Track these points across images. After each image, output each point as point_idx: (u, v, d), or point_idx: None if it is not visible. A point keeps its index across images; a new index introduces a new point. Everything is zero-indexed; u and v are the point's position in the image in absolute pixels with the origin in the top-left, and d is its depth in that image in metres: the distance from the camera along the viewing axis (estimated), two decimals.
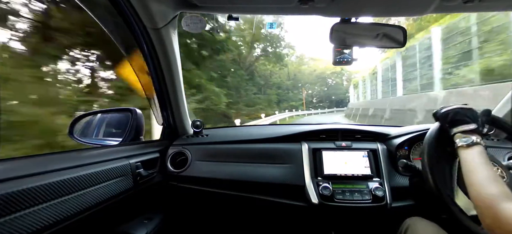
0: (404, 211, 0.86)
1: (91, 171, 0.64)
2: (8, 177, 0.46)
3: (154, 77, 1.02)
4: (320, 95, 48.43)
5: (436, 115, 0.72)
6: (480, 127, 0.63)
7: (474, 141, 0.60)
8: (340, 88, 47.85)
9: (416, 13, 0.85)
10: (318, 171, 1.00)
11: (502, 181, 0.52)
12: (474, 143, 0.59)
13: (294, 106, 29.69)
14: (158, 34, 0.89)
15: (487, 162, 0.56)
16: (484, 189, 0.51)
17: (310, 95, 47.51)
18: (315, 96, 48.78)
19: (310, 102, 44.18)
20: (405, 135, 1.04)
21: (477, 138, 0.60)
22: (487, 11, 1.06)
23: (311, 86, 48.13)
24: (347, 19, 0.84)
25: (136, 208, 0.98)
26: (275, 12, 0.88)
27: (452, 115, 0.66)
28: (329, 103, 43.47)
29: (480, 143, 0.59)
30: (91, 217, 0.68)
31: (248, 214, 1.24)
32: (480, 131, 0.63)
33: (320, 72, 47.42)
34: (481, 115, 0.67)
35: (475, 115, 0.65)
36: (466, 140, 0.60)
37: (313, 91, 48.69)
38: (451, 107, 0.68)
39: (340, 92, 46.48)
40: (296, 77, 43.07)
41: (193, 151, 1.10)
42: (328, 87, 49.13)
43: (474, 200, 0.53)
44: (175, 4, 0.84)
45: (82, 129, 1.15)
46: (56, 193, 0.54)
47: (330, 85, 49.47)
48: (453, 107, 0.68)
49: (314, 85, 48.53)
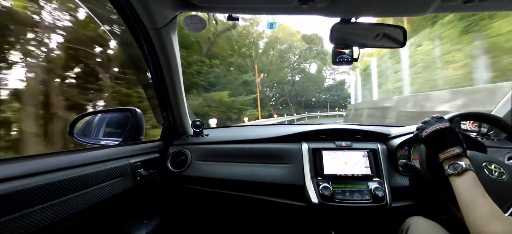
0: (404, 211, 0.86)
1: (91, 171, 0.64)
2: (8, 177, 0.46)
3: (154, 77, 1.02)
4: (283, 91, 30.25)
5: (419, 138, 0.69)
6: (463, 145, 0.62)
7: (464, 167, 0.57)
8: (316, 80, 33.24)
9: (416, 13, 0.85)
10: (318, 171, 1.00)
11: (504, 217, 0.50)
12: (464, 169, 0.57)
13: (237, 109, 15.34)
14: (158, 34, 0.89)
15: (484, 194, 0.53)
16: (484, 228, 0.48)
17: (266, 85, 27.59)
18: (275, 91, 29.99)
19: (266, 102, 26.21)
20: (405, 135, 1.04)
21: (466, 163, 0.58)
22: (487, 11, 1.06)
23: (264, 66, 27.22)
24: (347, 19, 0.84)
25: (136, 208, 0.98)
26: (275, 12, 0.88)
27: (435, 139, 0.64)
28: (297, 106, 29.42)
29: (470, 169, 0.57)
30: (91, 217, 0.68)
31: (248, 214, 1.24)
32: (466, 153, 0.61)
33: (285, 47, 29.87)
34: (458, 129, 0.65)
35: (457, 134, 0.63)
36: (456, 168, 0.58)
37: (272, 80, 28.25)
38: (431, 129, 0.65)
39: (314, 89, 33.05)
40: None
41: (193, 151, 1.10)
42: (300, 79, 32.30)
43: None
44: (175, 4, 0.84)
45: (82, 129, 1.15)
46: (56, 193, 0.54)
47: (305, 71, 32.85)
48: (433, 129, 0.64)
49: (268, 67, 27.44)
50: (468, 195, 0.55)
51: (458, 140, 0.62)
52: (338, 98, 32.69)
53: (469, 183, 0.56)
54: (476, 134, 1.15)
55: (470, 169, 0.58)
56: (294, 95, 31.41)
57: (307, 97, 32.96)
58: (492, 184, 0.63)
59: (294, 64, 32.45)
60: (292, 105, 29.78)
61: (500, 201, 0.60)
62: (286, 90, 30.37)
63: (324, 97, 33.41)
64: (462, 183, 0.57)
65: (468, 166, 0.58)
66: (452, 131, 0.64)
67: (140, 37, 0.89)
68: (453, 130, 0.64)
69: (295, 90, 31.65)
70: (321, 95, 33.95)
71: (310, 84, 32.76)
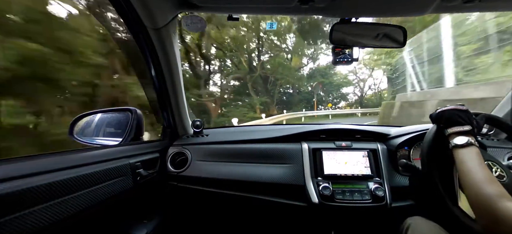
0: (404, 211, 0.86)
1: (91, 171, 0.64)
2: (8, 177, 0.46)
3: (154, 77, 1.02)
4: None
5: (432, 117, 0.72)
6: (475, 128, 0.63)
7: (469, 141, 0.60)
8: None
9: (416, 13, 0.85)
10: (318, 171, 1.00)
11: (498, 182, 0.52)
12: (468, 143, 0.59)
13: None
14: (158, 34, 0.89)
15: (482, 164, 0.56)
16: (481, 190, 0.51)
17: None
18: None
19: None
20: (405, 135, 1.04)
21: (471, 139, 0.60)
22: (487, 11, 1.06)
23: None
24: (347, 19, 0.84)
25: (136, 208, 0.98)
26: (275, 12, 0.88)
27: (446, 115, 0.66)
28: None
29: (474, 144, 0.59)
30: (91, 217, 0.68)
31: (248, 214, 1.24)
32: (474, 133, 0.63)
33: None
34: (478, 118, 0.67)
35: (470, 116, 0.65)
36: (461, 140, 0.60)
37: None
38: (446, 108, 0.68)
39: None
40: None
41: (193, 151, 1.10)
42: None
43: (471, 201, 0.53)
44: (175, 4, 0.84)
45: (82, 129, 1.15)
46: (56, 193, 0.54)
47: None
48: (448, 108, 0.68)
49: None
50: (467, 164, 0.57)
51: (471, 121, 0.64)
52: (330, 89, 24.49)
53: (472, 154, 0.58)
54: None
55: (474, 144, 0.59)
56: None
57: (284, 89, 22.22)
58: None
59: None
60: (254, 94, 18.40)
61: None
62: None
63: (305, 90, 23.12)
64: (465, 154, 0.59)
65: (473, 142, 0.59)
66: (466, 112, 0.65)
67: (140, 37, 0.89)
68: (468, 112, 0.66)
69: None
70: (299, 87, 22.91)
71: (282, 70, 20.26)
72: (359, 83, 27.40)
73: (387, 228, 0.98)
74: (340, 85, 26.10)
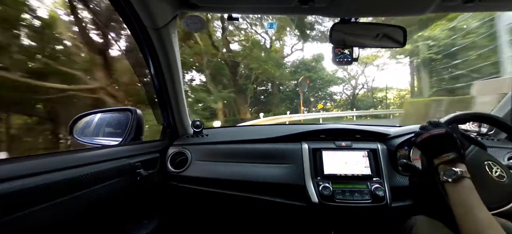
0: (404, 211, 0.86)
1: (91, 171, 0.64)
2: (8, 177, 0.46)
3: (154, 77, 1.02)
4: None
5: (415, 144, 0.68)
6: (461, 150, 0.60)
7: (459, 174, 0.56)
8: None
9: (416, 13, 0.85)
10: (318, 171, 1.00)
11: (499, 227, 0.50)
12: (459, 177, 0.56)
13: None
14: (158, 34, 0.90)
15: (479, 203, 0.53)
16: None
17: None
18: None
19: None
20: (405, 135, 1.04)
21: (461, 170, 0.56)
22: (487, 11, 1.06)
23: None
24: (347, 19, 0.84)
25: (136, 208, 0.98)
26: (275, 12, 0.88)
27: (429, 144, 0.63)
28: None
29: (465, 176, 0.56)
30: (91, 216, 0.68)
31: (248, 214, 1.24)
32: (463, 157, 0.60)
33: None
34: (458, 136, 0.63)
35: (452, 140, 0.61)
36: (451, 174, 0.57)
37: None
38: (425, 135, 0.64)
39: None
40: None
41: (193, 151, 1.10)
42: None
43: None
44: (175, 4, 0.84)
45: (82, 129, 1.15)
46: (56, 193, 0.54)
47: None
48: (425, 136, 0.63)
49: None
50: (462, 206, 0.54)
51: (454, 145, 0.61)
52: (318, 85, 19.65)
53: (464, 192, 0.55)
54: (476, 134, 1.15)
55: (465, 176, 0.56)
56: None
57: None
58: (491, 183, 0.64)
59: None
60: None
61: (498, 201, 0.61)
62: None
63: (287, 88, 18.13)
64: (457, 192, 0.56)
65: (463, 173, 0.56)
66: (448, 136, 0.62)
67: (140, 37, 0.89)
68: (449, 135, 0.62)
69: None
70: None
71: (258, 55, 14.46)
72: (351, 81, 21.64)
73: (387, 228, 0.98)
74: (331, 81, 20.40)
